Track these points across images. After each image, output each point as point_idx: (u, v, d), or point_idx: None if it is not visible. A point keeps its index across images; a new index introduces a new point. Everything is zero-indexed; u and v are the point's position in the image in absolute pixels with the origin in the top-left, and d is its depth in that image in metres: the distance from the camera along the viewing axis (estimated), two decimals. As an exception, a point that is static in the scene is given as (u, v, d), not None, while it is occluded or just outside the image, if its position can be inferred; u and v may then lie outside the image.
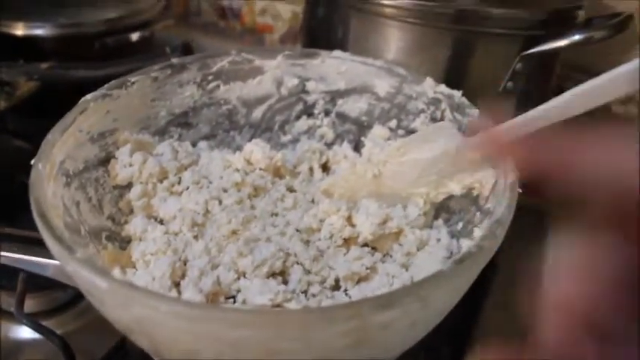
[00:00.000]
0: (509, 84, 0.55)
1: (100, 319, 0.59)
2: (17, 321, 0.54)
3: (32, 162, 0.39)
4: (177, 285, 0.40)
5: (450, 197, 0.46)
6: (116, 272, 0.37)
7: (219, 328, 0.29)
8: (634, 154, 0.26)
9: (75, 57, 0.72)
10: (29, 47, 0.74)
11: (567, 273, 0.27)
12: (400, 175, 0.46)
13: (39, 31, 0.75)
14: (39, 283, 0.57)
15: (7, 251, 0.45)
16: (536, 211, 0.74)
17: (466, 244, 0.41)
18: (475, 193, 0.44)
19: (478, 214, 0.43)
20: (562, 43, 0.53)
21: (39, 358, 0.55)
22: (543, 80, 0.60)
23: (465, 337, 0.56)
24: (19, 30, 0.74)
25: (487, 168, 0.42)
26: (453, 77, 0.51)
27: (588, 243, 0.27)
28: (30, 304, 0.56)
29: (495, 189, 0.41)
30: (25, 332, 0.57)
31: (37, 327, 0.50)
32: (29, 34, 0.74)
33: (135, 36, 0.79)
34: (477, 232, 0.41)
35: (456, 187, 0.44)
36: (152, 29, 0.82)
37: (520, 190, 0.38)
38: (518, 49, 0.54)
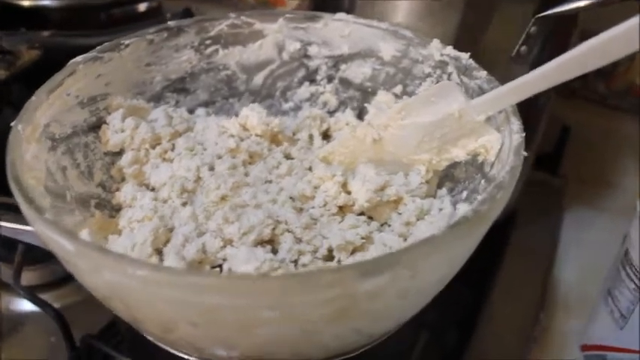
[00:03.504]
0: (523, 48, 0.52)
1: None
2: (15, 293, 0.53)
3: (12, 124, 0.37)
4: (159, 252, 0.38)
5: (455, 165, 0.44)
6: (84, 234, 0.35)
7: (188, 294, 0.27)
8: None
9: (81, 28, 0.71)
10: (35, 18, 0.73)
11: None
12: (401, 139, 0.43)
13: (45, 2, 0.73)
14: (37, 256, 0.57)
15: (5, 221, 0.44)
16: (552, 188, 0.71)
17: (464, 209, 0.39)
18: (480, 159, 0.41)
19: (483, 181, 0.40)
20: (581, 3, 0.49)
21: (38, 331, 0.55)
22: (559, 46, 0.56)
23: (472, 321, 0.54)
24: (26, 0, 0.73)
25: (492, 132, 0.40)
26: (463, 41, 0.48)
27: None
28: (28, 277, 0.56)
29: (501, 154, 0.38)
30: (24, 305, 0.56)
31: (32, 298, 0.50)
32: (35, 5, 0.73)
33: (142, 7, 0.77)
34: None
35: (459, 153, 0.42)
36: (159, 0, 0.80)
37: (525, 154, 0.35)
38: (533, 10, 0.50)
